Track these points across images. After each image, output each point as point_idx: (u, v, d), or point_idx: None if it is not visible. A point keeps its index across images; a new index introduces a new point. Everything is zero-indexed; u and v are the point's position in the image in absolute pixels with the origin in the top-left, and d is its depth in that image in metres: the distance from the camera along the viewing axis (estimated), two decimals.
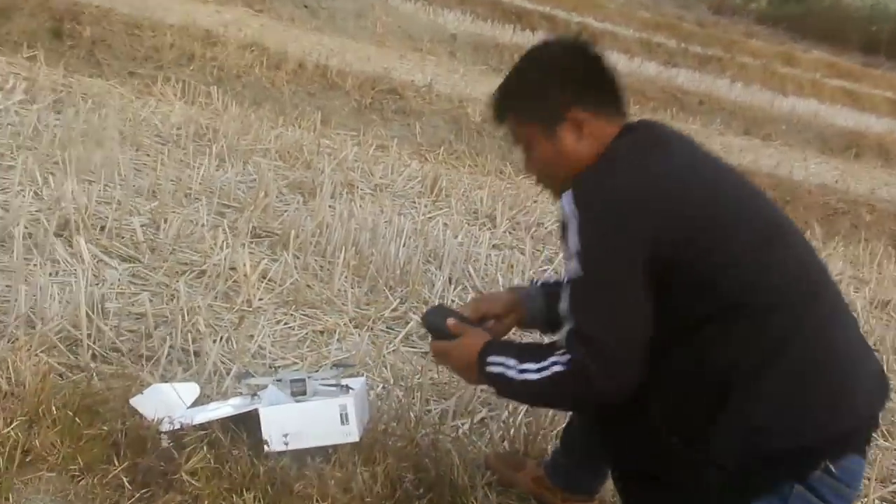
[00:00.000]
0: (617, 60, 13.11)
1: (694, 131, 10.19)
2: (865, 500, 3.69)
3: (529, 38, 13.18)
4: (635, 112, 9.82)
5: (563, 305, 2.23)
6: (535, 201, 6.42)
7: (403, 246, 4.84)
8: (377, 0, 12.39)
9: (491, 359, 2.34)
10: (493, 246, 5.40)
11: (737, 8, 28.51)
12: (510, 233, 5.75)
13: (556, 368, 2.18)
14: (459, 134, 7.94)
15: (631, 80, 12.16)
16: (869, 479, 3.83)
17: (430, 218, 5.60)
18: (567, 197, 2.22)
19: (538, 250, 5.50)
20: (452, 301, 4.46)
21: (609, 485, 2.95)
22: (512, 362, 2.29)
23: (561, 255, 2.56)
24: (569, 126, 2.38)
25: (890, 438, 4.27)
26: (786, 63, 18.40)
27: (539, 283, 2.83)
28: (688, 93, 12.46)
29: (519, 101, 2.47)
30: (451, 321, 2.53)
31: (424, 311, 2.56)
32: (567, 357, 2.17)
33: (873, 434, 2.42)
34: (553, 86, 2.41)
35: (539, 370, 2.22)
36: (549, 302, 2.64)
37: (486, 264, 5.02)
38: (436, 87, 8.61)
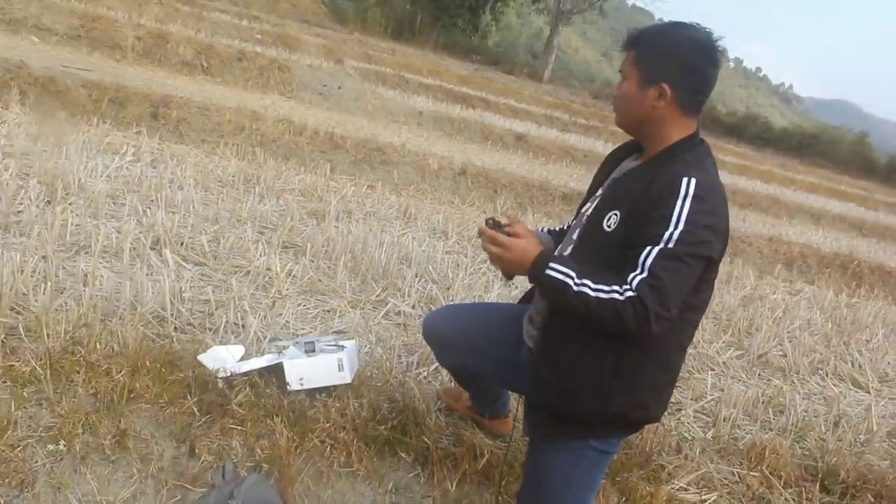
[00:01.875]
0: (529, 128, 13.28)
1: (579, 176, 10.25)
2: (682, 413, 3.72)
3: (471, 114, 13.23)
4: (542, 162, 9.83)
5: (643, 256, 1.91)
6: (474, 221, 6.42)
7: (385, 253, 4.81)
8: (369, 88, 12.37)
9: (553, 265, 1.98)
10: (446, 252, 5.38)
11: (608, 95, 28.65)
12: (458, 243, 5.73)
13: (619, 298, 1.89)
14: (423, 177, 7.92)
15: (539, 142, 12.22)
16: (685, 399, 3.88)
17: (403, 234, 5.57)
18: (689, 179, 1.92)
19: (476, 255, 5.48)
20: (417, 290, 4.45)
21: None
22: (573, 275, 1.95)
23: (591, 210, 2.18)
24: (655, 91, 2.03)
25: (701, 372, 4.31)
26: None
27: (545, 231, 2.49)
28: (577, 149, 12.49)
29: (649, 48, 2.05)
30: (513, 224, 2.12)
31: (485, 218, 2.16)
32: (633, 295, 1.88)
33: None
34: (674, 58, 2.02)
35: (604, 291, 1.91)
36: (556, 244, 2.39)
37: (441, 264, 5.00)
38: (407, 146, 8.58)
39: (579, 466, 2.18)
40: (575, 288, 1.93)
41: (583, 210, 2.28)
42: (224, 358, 2.98)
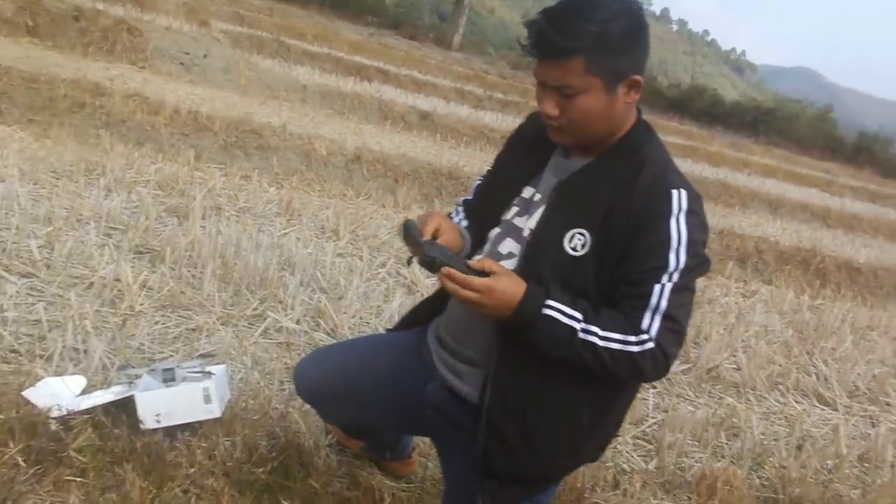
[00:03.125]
0: (436, 105, 13.35)
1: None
2: (619, 440, 3.80)
3: (367, 88, 13.23)
4: (452, 145, 9.92)
5: (655, 297, 1.91)
6: (371, 217, 6.41)
7: (262, 257, 4.76)
8: (241, 57, 12.23)
9: (552, 302, 1.93)
10: (338, 255, 5.36)
11: (529, 65, 29.01)
12: (351, 244, 5.71)
13: (635, 350, 1.90)
14: (309, 165, 7.87)
15: (447, 121, 12.31)
16: (625, 423, 3.96)
17: (284, 234, 5.52)
18: (679, 192, 1.94)
19: (373, 257, 5.47)
20: (302, 301, 4.41)
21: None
22: (579, 316, 1.92)
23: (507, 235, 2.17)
24: (625, 87, 1.99)
25: (641, 391, 4.41)
26: None
27: (464, 227, 2.36)
28: (493, 130, 12.63)
29: (598, 49, 1.91)
30: (473, 262, 2.00)
31: (412, 238, 2.05)
32: (653, 347, 1.90)
33: None
34: (629, 43, 1.96)
35: (615, 341, 1.91)
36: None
37: (331, 269, 4.98)
38: (289, 128, 8.51)
39: None
40: (581, 335, 1.92)
41: (508, 217, 2.20)
42: (59, 392, 2.89)
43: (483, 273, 1.96)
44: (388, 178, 8.24)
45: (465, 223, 2.36)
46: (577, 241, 2.00)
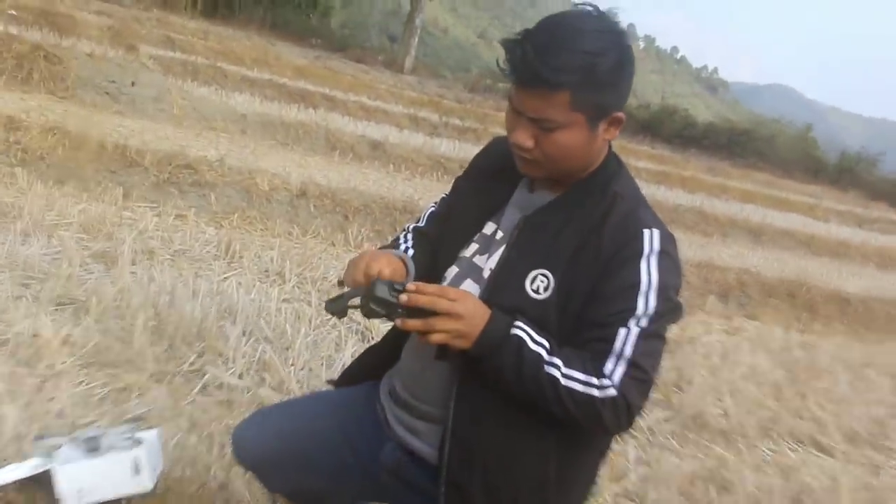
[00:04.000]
0: (388, 133, 13.36)
1: None
2: (598, 499, 3.76)
3: (312, 116, 13.22)
4: (406, 177, 9.92)
5: (619, 342, 1.90)
6: (319, 258, 6.37)
7: (200, 305, 4.71)
8: (174, 85, 12.18)
9: (520, 322, 1.92)
10: (283, 300, 5.32)
11: (487, 87, 29.26)
12: (298, 287, 5.67)
13: (597, 395, 1.87)
14: (251, 202, 7.81)
15: (401, 150, 12.33)
16: (600, 480, 3.91)
17: (224, 278, 5.47)
18: (651, 232, 1.94)
19: (323, 301, 5.40)
20: (245, 353, 4.34)
21: None
22: (546, 344, 1.91)
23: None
24: (606, 123, 1.99)
25: (618, 441, 4.37)
26: None
27: (411, 255, 2.31)
28: (450, 160, 12.67)
29: (585, 82, 1.90)
30: (429, 287, 1.93)
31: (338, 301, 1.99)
32: (615, 395, 1.87)
33: None
34: (626, 79, 1.97)
35: (578, 381, 1.88)
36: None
37: (276, 317, 4.93)
38: (228, 162, 8.44)
39: None
40: (546, 367, 1.90)
41: (467, 254, 2.18)
42: None
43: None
44: (337, 214, 8.19)
45: (411, 252, 2.32)
46: (539, 283, 1.99)
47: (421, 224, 2.41)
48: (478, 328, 1.92)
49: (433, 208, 2.44)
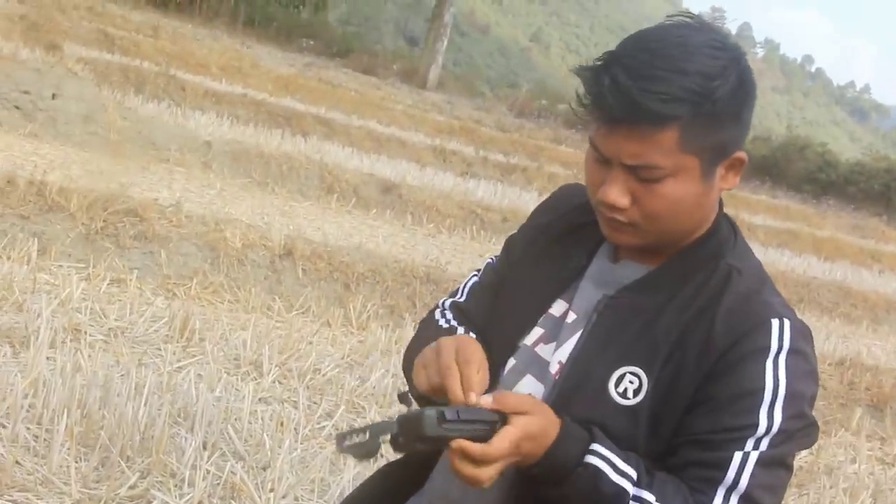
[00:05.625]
0: (405, 171, 13.46)
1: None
2: None
3: (301, 146, 13.34)
4: (429, 231, 10.03)
5: (733, 469, 1.90)
6: (310, 343, 6.41)
7: (145, 405, 4.72)
8: (110, 99, 12.32)
9: (598, 448, 1.91)
10: (260, 400, 5.35)
11: (542, 110, 29.33)
12: (280, 382, 5.70)
13: None
14: (216, 263, 7.86)
15: (422, 195, 12.40)
16: None
17: (179, 368, 5.52)
18: (782, 322, 1.95)
19: (315, 402, 5.46)
20: (207, 473, 4.36)
21: None
22: (633, 475, 1.91)
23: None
24: (725, 168, 2.01)
25: None
26: None
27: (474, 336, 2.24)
28: (489, 209, 12.71)
29: (705, 116, 1.88)
30: (487, 401, 1.87)
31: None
32: None
33: None
34: (749, 106, 1.97)
35: None
36: None
37: (250, 422, 4.96)
38: (186, 207, 8.53)
39: None
40: (632, 502, 1.90)
41: (529, 342, 2.18)
42: None
43: (502, 417, 1.87)
44: (334, 283, 8.24)
45: (467, 330, 2.30)
46: (627, 385, 1.99)
47: (460, 299, 2.42)
48: (542, 447, 1.90)
49: (476, 278, 2.44)
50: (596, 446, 1.91)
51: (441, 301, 2.44)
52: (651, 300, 2.04)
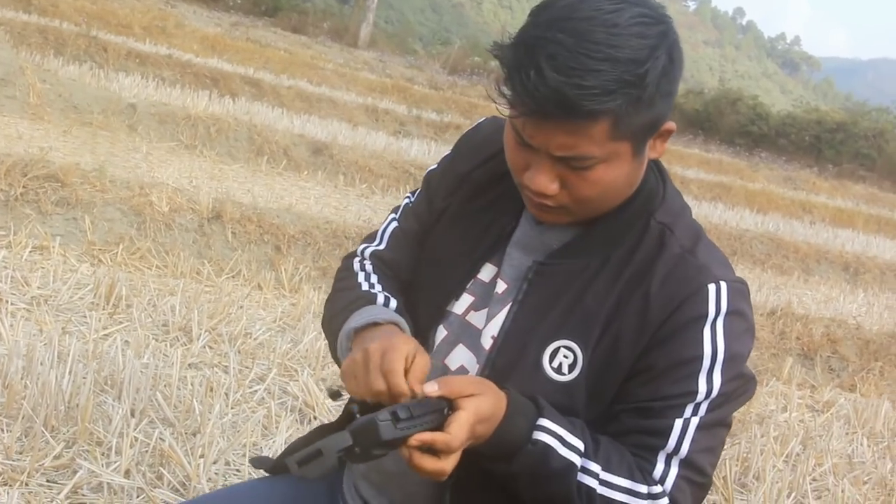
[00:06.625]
0: (336, 131, 13.41)
1: None
2: None
3: (229, 107, 13.25)
4: (362, 192, 10.01)
5: (675, 436, 1.92)
6: (240, 307, 6.38)
7: (69, 373, 4.68)
8: (28, 62, 12.18)
9: (546, 422, 1.89)
10: (189, 365, 5.32)
11: (475, 67, 29.30)
12: (210, 347, 5.67)
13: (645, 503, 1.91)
14: (143, 228, 7.79)
15: (354, 155, 12.36)
16: None
17: (105, 336, 5.47)
18: (719, 286, 1.94)
19: (246, 367, 5.43)
20: (135, 440, 4.33)
21: None
22: (580, 446, 1.90)
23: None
24: (656, 142, 1.98)
25: None
26: None
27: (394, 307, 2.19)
28: (423, 168, 12.63)
29: (633, 105, 1.80)
30: (430, 390, 1.83)
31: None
32: (667, 502, 1.92)
33: None
34: (678, 77, 1.90)
35: (618, 488, 1.90)
36: None
37: (179, 388, 4.92)
38: (110, 171, 8.44)
39: None
40: (580, 475, 1.91)
41: (459, 310, 2.13)
42: None
43: (449, 405, 1.84)
44: (265, 246, 8.20)
45: (394, 303, 2.21)
46: (562, 360, 1.98)
47: (381, 247, 2.35)
48: (493, 426, 1.88)
49: (395, 223, 2.37)
50: (543, 421, 1.90)
51: (360, 248, 2.38)
52: (582, 265, 2.01)
